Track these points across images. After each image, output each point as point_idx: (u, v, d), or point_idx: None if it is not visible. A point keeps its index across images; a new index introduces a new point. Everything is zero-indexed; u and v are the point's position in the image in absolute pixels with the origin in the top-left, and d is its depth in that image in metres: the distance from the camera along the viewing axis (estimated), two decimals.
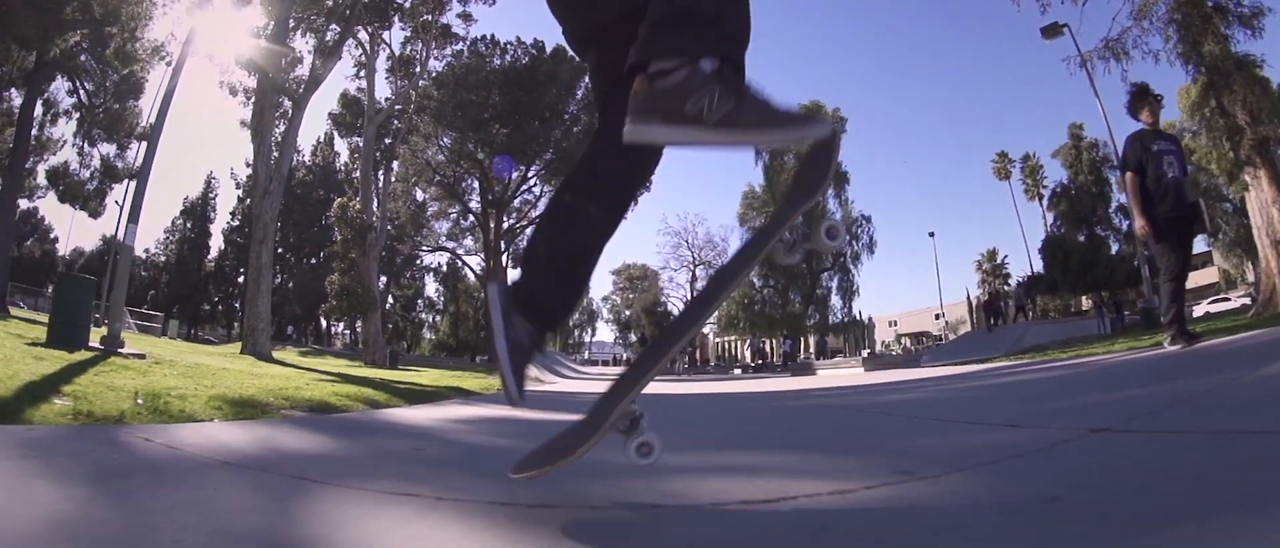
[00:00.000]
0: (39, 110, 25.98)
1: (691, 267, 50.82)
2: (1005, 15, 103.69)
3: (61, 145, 30.94)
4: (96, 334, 7.94)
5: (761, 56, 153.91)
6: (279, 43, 21.00)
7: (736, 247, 2.30)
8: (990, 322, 23.37)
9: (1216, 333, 6.46)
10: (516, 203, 41.71)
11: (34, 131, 26.68)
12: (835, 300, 42.35)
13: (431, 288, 64.80)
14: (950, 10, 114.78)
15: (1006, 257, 67.23)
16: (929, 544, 1.07)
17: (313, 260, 54.76)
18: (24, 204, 66.00)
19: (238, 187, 57.65)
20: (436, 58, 34.15)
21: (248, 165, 39.67)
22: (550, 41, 38.09)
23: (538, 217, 1.92)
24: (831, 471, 1.88)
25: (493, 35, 37.46)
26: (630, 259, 73.74)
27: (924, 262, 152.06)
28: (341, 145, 53.61)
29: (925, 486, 1.54)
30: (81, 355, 6.15)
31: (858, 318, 47.01)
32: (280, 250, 61.52)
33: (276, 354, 23.96)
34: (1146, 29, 13.72)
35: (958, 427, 2.72)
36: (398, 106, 31.01)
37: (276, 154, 19.89)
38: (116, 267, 8.46)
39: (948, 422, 2.96)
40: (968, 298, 68.83)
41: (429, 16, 31.09)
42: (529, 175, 38.94)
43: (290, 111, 21.63)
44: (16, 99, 24.98)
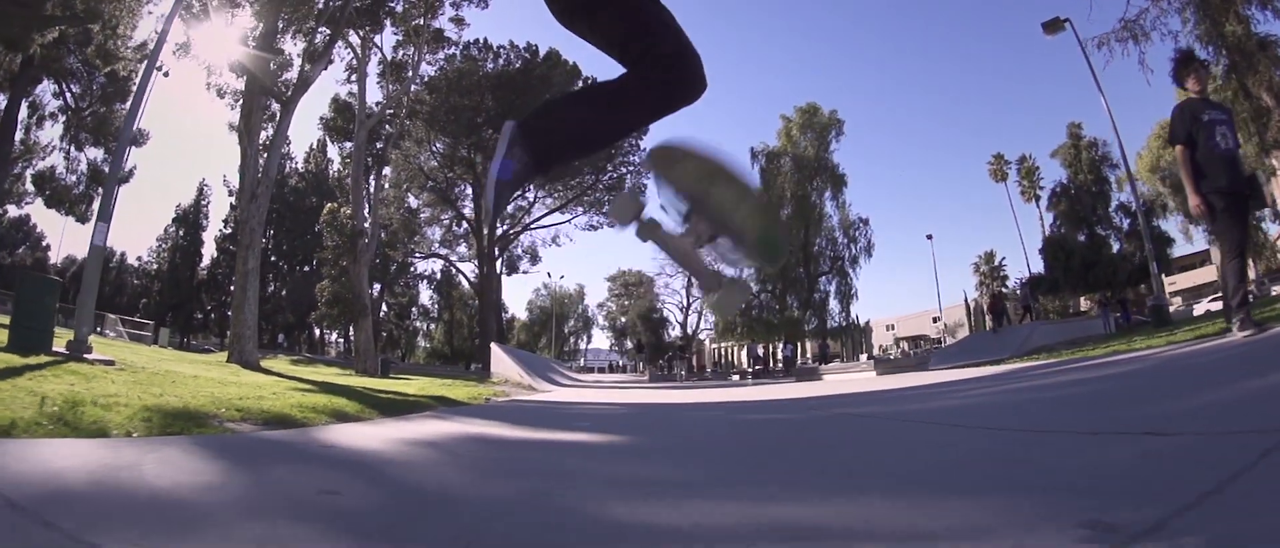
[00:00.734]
0: (25, 113, 25.56)
1: (687, 273, 50.30)
2: (1001, 17, 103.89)
3: (51, 150, 30.54)
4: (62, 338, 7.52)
5: (763, 56, 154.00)
6: (267, 45, 20.63)
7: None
8: (995, 323, 23.08)
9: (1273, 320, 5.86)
10: (510, 209, 41.31)
11: (20, 136, 26.24)
12: (833, 304, 42.02)
13: (426, 296, 64.35)
14: (945, 12, 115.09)
15: (1004, 259, 67.15)
16: None
17: (306, 268, 54.24)
18: (16, 212, 65.59)
19: (230, 194, 57.13)
20: (429, 63, 33.87)
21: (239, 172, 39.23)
22: (543, 45, 37.83)
23: (572, 93, 1.84)
24: (964, 529, 1.15)
25: (485, 39, 37.19)
26: (625, 266, 73.48)
27: (920, 265, 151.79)
28: (334, 152, 53.22)
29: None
30: (37, 360, 5.74)
31: (855, 322, 46.62)
32: (274, 258, 61.05)
33: (267, 363, 23.47)
34: (1165, 9, 13.39)
35: (1069, 438, 2.11)
36: (390, 111, 30.62)
37: (264, 158, 19.46)
38: (85, 267, 8.09)
39: (1047, 433, 2.32)
40: (965, 301, 68.71)
41: (421, 21, 30.79)
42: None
43: (278, 114, 21.21)
44: (1, 101, 24.57)
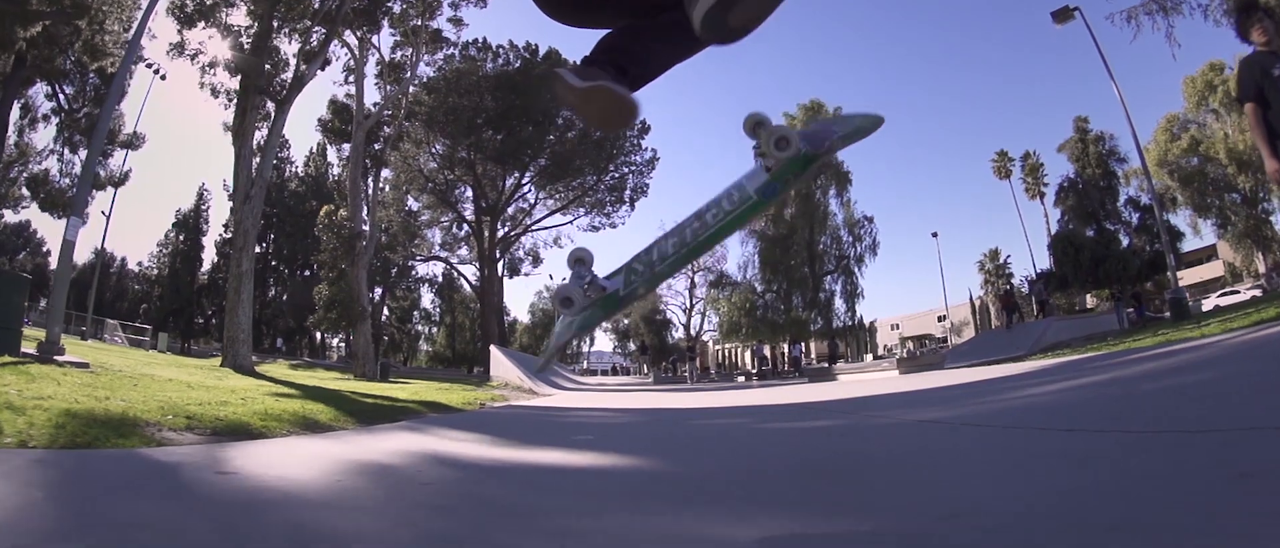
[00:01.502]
0: (17, 115, 25.18)
1: (690, 273, 49.91)
2: (1003, 12, 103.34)
3: (47, 154, 30.21)
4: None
5: (763, 54, 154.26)
6: (261, 44, 20.26)
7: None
8: (1008, 319, 22.60)
9: None
10: (510, 211, 40.95)
11: (13, 139, 25.88)
12: (839, 304, 41.41)
13: (428, 299, 63.91)
14: (946, 8, 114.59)
15: (1009, 256, 66.58)
16: None
17: (306, 272, 53.87)
18: (14, 217, 65.39)
19: (230, 197, 56.72)
20: (427, 63, 33.49)
21: None
22: (543, 45, 37.42)
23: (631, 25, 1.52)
24: None
25: (484, 38, 36.76)
26: None
27: (922, 265, 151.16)
28: (334, 157, 52.97)
29: None
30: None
31: (860, 322, 46.03)
32: (274, 263, 60.70)
33: (264, 368, 23.10)
34: None
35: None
36: (388, 112, 30.22)
37: (258, 159, 19.04)
38: (58, 264, 7.66)
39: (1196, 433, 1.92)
40: (970, 299, 68.08)
41: (419, 21, 30.42)
42: (523, 182, 38.18)
43: (273, 114, 20.80)
44: None
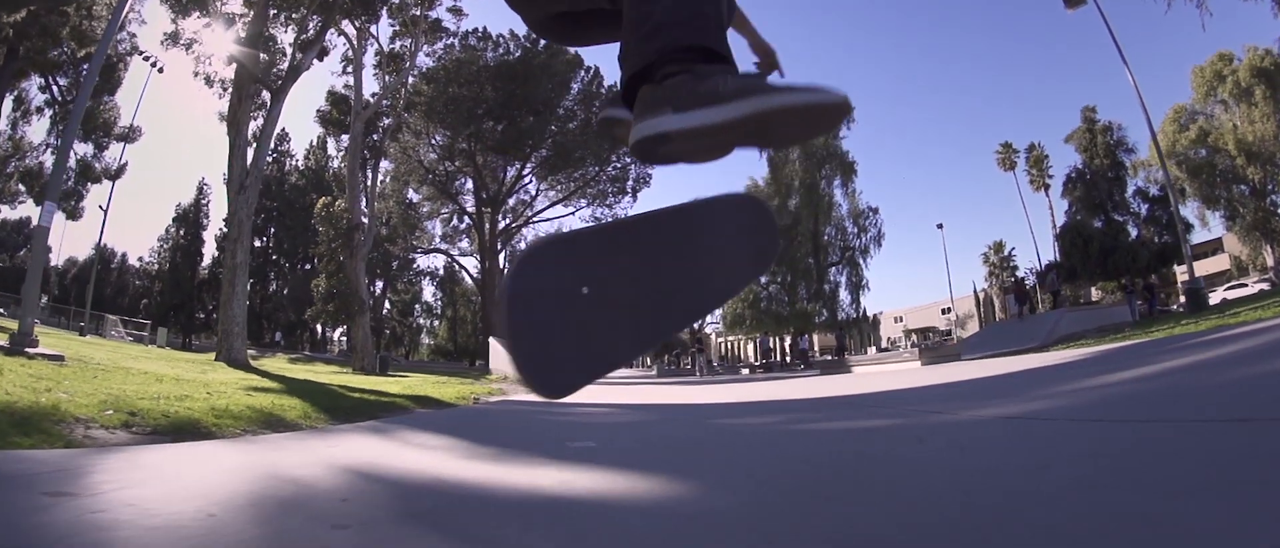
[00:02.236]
0: (9, 108, 24.82)
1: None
2: (1009, 3, 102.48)
3: (45, 149, 29.86)
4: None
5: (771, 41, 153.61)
6: (257, 32, 19.86)
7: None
8: (1020, 309, 22.24)
9: None
10: (511, 202, 40.54)
11: (6, 132, 25.54)
12: (844, 295, 40.91)
13: (429, 292, 63.63)
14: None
15: (1013, 249, 66.09)
16: None
17: (306, 266, 53.60)
18: (14, 214, 65.38)
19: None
20: (427, 54, 33.06)
21: None
22: None
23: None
24: None
25: (484, 28, 36.35)
26: None
27: (924, 258, 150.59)
28: (335, 149, 52.59)
29: None
30: None
31: (864, 314, 45.56)
32: (274, 256, 60.44)
33: (264, 362, 22.82)
34: None
35: None
36: (386, 103, 29.81)
37: (253, 149, 18.67)
38: (32, 252, 7.33)
39: None
40: (975, 292, 67.65)
41: (418, 11, 29.98)
42: (524, 172, 37.74)
43: (268, 104, 20.42)
44: None
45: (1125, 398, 2.95)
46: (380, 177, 33.62)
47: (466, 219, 40.92)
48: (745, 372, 34.26)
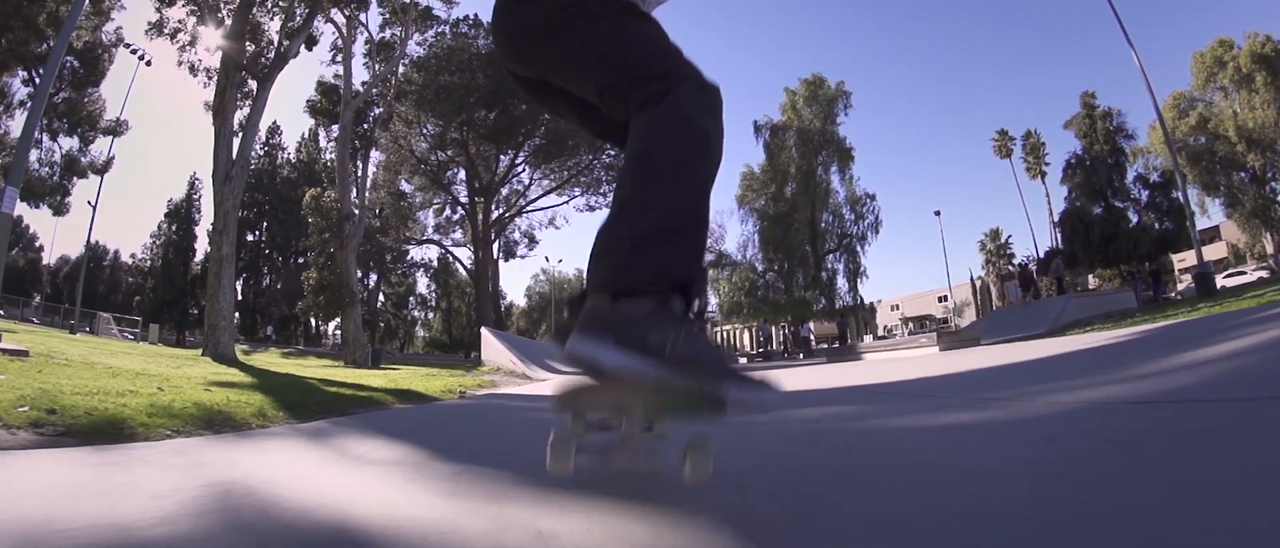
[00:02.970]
0: None
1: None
2: None
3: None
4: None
5: (766, 32, 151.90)
6: (242, 18, 19.38)
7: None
8: (1025, 295, 22.09)
9: None
10: (505, 192, 40.11)
11: None
12: (841, 283, 40.64)
13: (423, 285, 63.18)
14: None
15: (1010, 236, 65.90)
16: None
17: (299, 259, 53.11)
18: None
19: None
20: (417, 42, 32.53)
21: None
22: None
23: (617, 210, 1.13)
24: None
25: (475, 15, 35.73)
26: None
27: (920, 246, 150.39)
28: (326, 141, 51.95)
29: None
30: None
31: (861, 301, 45.32)
32: (268, 251, 59.89)
33: (255, 357, 22.46)
34: None
35: None
36: (376, 91, 29.32)
37: (239, 138, 18.22)
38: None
39: None
40: (971, 280, 67.46)
41: None
42: (517, 161, 37.28)
43: (255, 92, 19.94)
44: None
45: (1227, 376, 2.48)
46: (371, 167, 33.17)
47: (460, 209, 40.49)
48: (743, 361, 34.03)
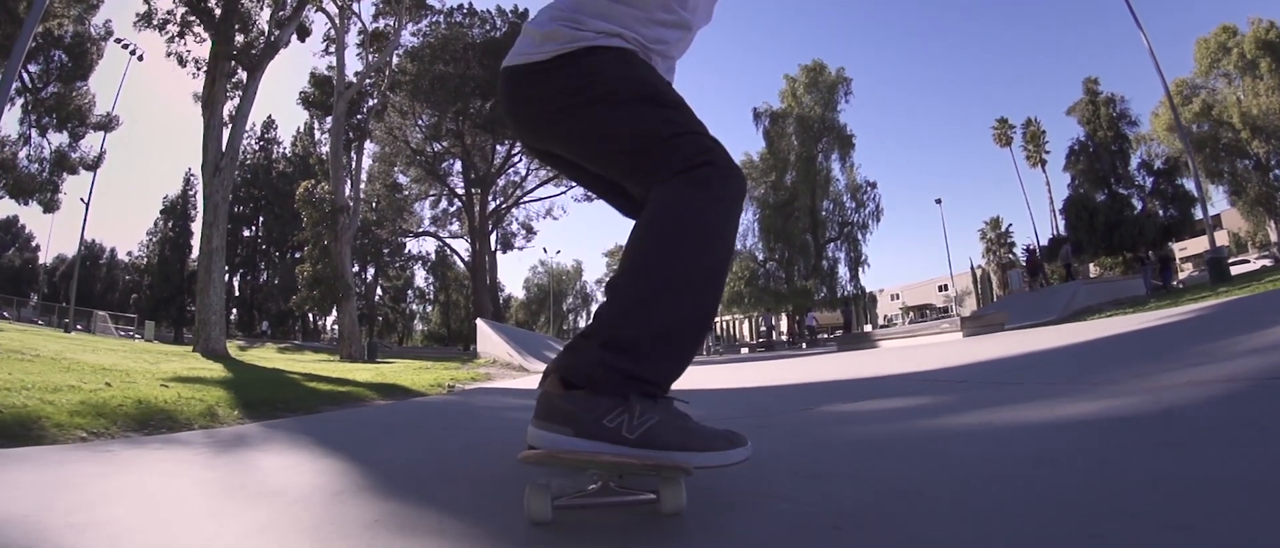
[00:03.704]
0: None
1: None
2: None
3: (22, 142, 28.87)
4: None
5: (766, 18, 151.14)
6: (230, 7, 18.96)
7: None
8: (1032, 282, 21.90)
9: None
10: (501, 183, 39.73)
11: None
12: (842, 272, 40.26)
13: (421, 278, 62.80)
14: None
15: (1011, 225, 65.60)
16: None
17: (296, 253, 52.78)
18: (3, 213, 64.17)
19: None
20: (412, 32, 32.06)
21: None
22: (531, 9, 35.92)
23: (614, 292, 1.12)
24: None
25: (470, 4, 35.25)
26: (623, 240, 71.69)
27: (920, 235, 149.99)
28: (320, 133, 51.50)
29: None
30: None
31: (863, 291, 45.00)
32: (264, 246, 59.50)
33: (251, 353, 22.15)
34: None
35: None
36: (370, 82, 28.87)
37: (228, 129, 17.83)
38: None
39: None
40: (971, 269, 67.23)
41: None
42: (514, 152, 36.86)
43: (245, 82, 19.53)
44: None
45: None
46: (366, 159, 32.76)
47: (456, 201, 40.10)
48: (744, 351, 33.73)
